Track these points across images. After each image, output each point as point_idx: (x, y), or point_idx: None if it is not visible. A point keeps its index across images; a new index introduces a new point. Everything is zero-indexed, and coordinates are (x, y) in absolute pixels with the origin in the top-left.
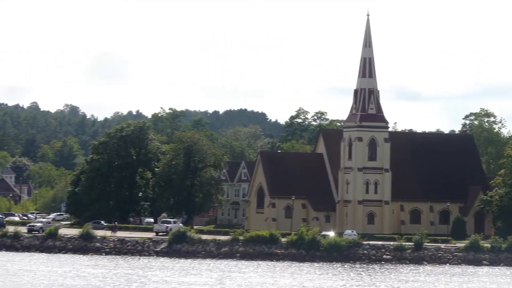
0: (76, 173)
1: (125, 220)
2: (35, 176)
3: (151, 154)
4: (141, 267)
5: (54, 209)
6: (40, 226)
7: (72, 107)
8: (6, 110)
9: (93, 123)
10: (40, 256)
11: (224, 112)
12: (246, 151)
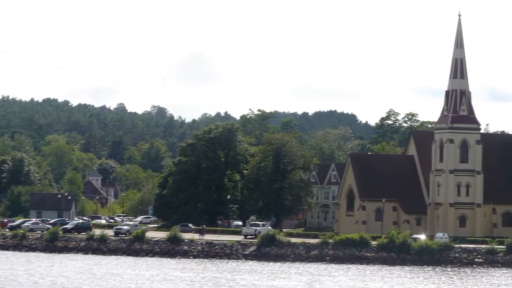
0: (163, 176)
1: (213, 223)
2: (122, 178)
3: (240, 156)
4: (229, 270)
5: (141, 211)
6: (127, 229)
7: (160, 108)
8: (92, 112)
9: (181, 124)
10: (127, 259)
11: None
12: (335, 153)
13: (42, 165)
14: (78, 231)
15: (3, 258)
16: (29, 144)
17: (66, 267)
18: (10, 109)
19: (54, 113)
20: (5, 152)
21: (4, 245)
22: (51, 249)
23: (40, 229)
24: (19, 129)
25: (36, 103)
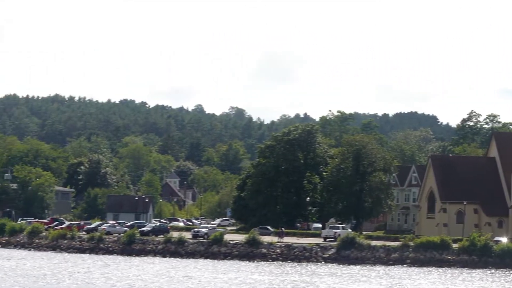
0: (242, 178)
1: (292, 225)
2: (200, 180)
3: (319, 158)
4: (308, 273)
5: (219, 214)
6: (205, 231)
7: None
8: (170, 113)
9: (260, 126)
10: (205, 263)
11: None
12: (416, 155)
13: (119, 167)
14: (155, 233)
15: (80, 261)
16: (106, 146)
17: (143, 270)
18: (87, 111)
19: (131, 115)
20: (82, 154)
21: (81, 248)
22: (128, 252)
23: (117, 232)
24: (96, 130)
25: (113, 104)
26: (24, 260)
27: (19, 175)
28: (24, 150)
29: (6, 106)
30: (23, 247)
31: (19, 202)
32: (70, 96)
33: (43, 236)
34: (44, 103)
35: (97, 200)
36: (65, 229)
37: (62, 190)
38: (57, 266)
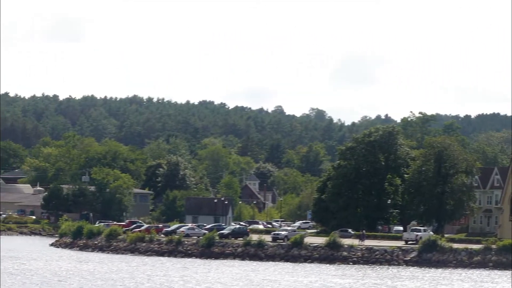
0: (322, 180)
1: (373, 228)
2: (280, 182)
3: (400, 160)
4: (389, 276)
5: (300, 216)
6: (285, 234)
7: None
8: (250, 114)
9: (340, 128)
10: (285, 266)
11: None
12: (498, 157)
13: (198, 169)
14: (235, 236)
15: (159, 264)
16: (185, 148)
17: (223, 274)
18: (166, 112)
19: (211, 116)
20: (161, 156)
21: (160, 251)
22: (207, 254)
23: (196, 235)
24: (175, 132)
25: (192, 106)
26: (102, 263)
27: (97, 177)
28: (102, 152)
29: (84, 107)
30: (101, 250)
31: (97, 204)
32: (148, 97)
33: (121, 239)
34: (122, 104)
35: (175, 203)
36: (143, 232)
37: (141, 192)
38: (135, 269)
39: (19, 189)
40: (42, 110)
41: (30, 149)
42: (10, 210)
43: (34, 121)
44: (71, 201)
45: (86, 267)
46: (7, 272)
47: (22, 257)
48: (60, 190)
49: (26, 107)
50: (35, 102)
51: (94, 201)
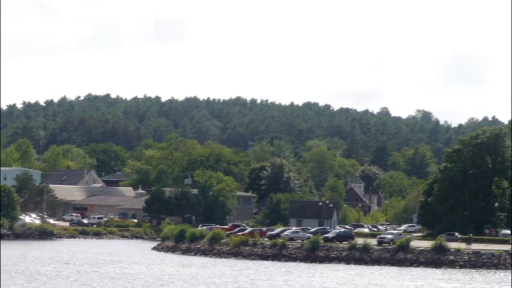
0: (428, 182)
1: (480, 231)
2: (386, 185)
3: (508, 162)
4: (497, 281)
5: (405, 220)
6: (391, 238)
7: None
8: (355, 116)
9: (447, 129)
10: (390, 270)
11: None
12: None
13: (302, 172)
14: (339, 240)
15: (262, 268)
16: (289, 150)
17: (327, 278)
18: (269, 114)
19: (315, 118)
20: (264, 158)
21: (263, 255)
22: (312, 258)
23: (300, 238)
24: (279, 134)
25: (296, 107)
26: (205, 267)
27: (199, 179)
28: (205, 154)
29: (186, 109)
30: (204, 253)
31: (200, 207)
32: (252, 99)
33: (224, 243)
34: (226, 106)
35: (279, 206)
36: (247, 236)
37: (244, 195)
38: (239, 273)
39: (120, 192)
40: (144, 111)
41: (131, 151)
42: (112, 213)
43: (136, 123)
44: (174, 204)
45: (188, 271)
46: (108, 277)
47: (124, 261)
48: (162, 193)
49: (128, 109)
50: (137, 103)
51: (197, 204)
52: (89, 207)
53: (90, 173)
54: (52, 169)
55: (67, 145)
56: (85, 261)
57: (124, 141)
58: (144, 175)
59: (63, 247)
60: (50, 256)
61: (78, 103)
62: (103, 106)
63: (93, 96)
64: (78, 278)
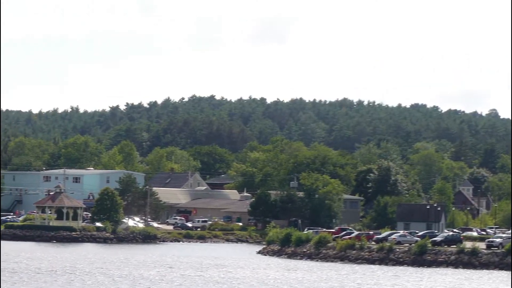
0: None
1: None
2: (494, 188)
3: None
4: None
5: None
6: (500, 241)
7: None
8: (463, 118)
9: None
10: (499, 274)
11: None
12: None
13: (409, 174)
14: (447, 243)
15: (369, 272)
16: (396, 152)
17: (435, 282)
18: (376, 115)
19: (423, 120)
20: (371, 160)
21: (370, 259)
22: (419, 262)
23: (407, 242)
24: (386, 136)
25: (404, 109)
26: (311, 272)
27: (305, 182)
28: (311, 156)
29: (292, 110)
30: (310, 257)
31: (306, 211)
32: (358, 100)
33: (330, 246)
34: (332, 108)
35: (387, 209)
36: (353, 239)
37: (351, 198)
38: (345, 277)
39: (225, 195)
40: (249, 113)
41: (236, 153)
42: (216, 216)
43: (240, 124)
44: (279, 207)
45: (294, 276)
46: (212, 281)
47: (229, 265)
48: (267, 196)
49: (233, 110)
50: (241, 105)
51: (302, 207)
52: (193, 210)
53: (195, 175)
54: (155, 171)
55: (171, 147)
56: (189, 265)
57: (229, 143)
58: (249, 177)
59: (167, 251)
60: (153, 260)
61: (182, 105)
62: (208, 107)
63: (198, 98)
64: (182, 283)
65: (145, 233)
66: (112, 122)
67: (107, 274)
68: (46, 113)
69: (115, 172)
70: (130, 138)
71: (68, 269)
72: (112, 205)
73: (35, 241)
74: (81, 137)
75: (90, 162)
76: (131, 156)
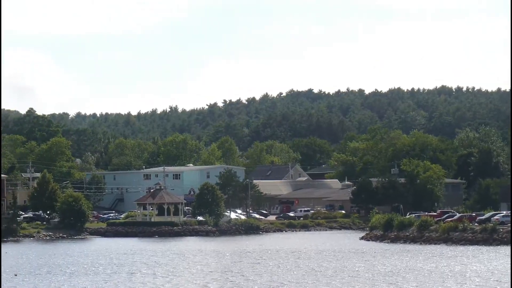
0: None
1: None
2: None
3: None
4: None
5: None
6: None
7: None
8: None
9: None
10: None
11: None
12: None
13: None
14: None
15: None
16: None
17: None
18: (476, 101)
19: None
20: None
21: (474, 240)
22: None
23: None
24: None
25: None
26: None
27: (406, 169)
28: (410, 144)
29: (390, 100)
30: (413, 241)
31: (408, 196)
32: (457, 87)
33: (433, 229)
34: (431, 96)
35: (489, 191)
36: (456, 222)
37: (452, 182)
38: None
39: (326, 184)
40: (347, 105)
41: (336, 144)
42: (318, 205)
43: (340, 116)
44: (381, 194)
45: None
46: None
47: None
48: (369, 183)
49: (331, 103)
50: (340, 97)
51: (405, 192)
52: (295, 201)
53: (295, 167)
54: (256, 165)
55: (271, 141)
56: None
57: (329, 134)
58: (350, 167)
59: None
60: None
61: (280, 100)
62: (306, 101)
63: (296, 92)
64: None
65: (247, 224)
66: (210, 120)
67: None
68: (145, 114)
69: (215, 167)
70: (230, 134)
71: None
72: (213, 199)
73: (137, 237)
74: (180, 135)
75: (189, 159)
76: (230, 151)
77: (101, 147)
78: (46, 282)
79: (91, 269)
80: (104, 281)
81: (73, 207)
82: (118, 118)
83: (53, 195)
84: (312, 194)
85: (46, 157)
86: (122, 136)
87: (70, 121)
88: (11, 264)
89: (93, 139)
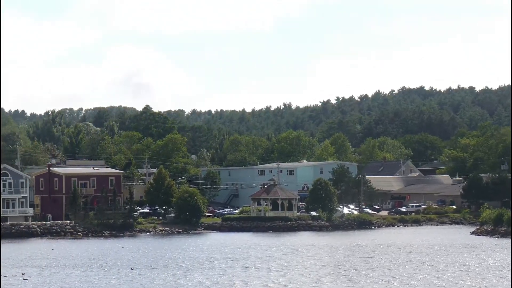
0: None
1: None
2: None
3: None
4: None
5: None
6: None
7: None
8: None
9: None
10: None
11: None
12: None
13: None
14: None
15: None
16: None
17: None
18: None
19: None
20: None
21: None
22: None
23: None
24: None
25: None
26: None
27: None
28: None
29: (501, 97)
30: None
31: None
32: None
33: None
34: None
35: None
36: None
37: None
38: None
39: (437, 180)
40: (458, 102)
41: (447, 141)
42: (430, 201)
43: (451, 113)
44: (491, 189)
45: None
46: None
47: None
48: (479, 179)
49: (443, 100)
50: (451, 94)
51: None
52: (407, 196)
53: (407, 163)
54: (368, 161)
55: (383, 138)
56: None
57: (440, 131)
58: (461, 162)
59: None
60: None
61: (392, 97)
62: (417, 98)
63: (407, 89)
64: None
65: (360, 219)
66: (324, 116)
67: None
68: (259, 111)
69: (328, 163)
70: (343, 131)
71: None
72: (326, 194)
73: (251, 232)
74: (293, 132)
75: (303, 155)
76: (343, 148)
77: (216, 144)
78: (162, 276)
79: (206, 263)
80: (219, 275)
81: (189, 202)
82: (233, 115)
83: (169, 190)
84: (423, 189)
85: (162, 153)
86: (237, 133)
87: (185, 118)
88: (128, 259)
89: (208, 135)
